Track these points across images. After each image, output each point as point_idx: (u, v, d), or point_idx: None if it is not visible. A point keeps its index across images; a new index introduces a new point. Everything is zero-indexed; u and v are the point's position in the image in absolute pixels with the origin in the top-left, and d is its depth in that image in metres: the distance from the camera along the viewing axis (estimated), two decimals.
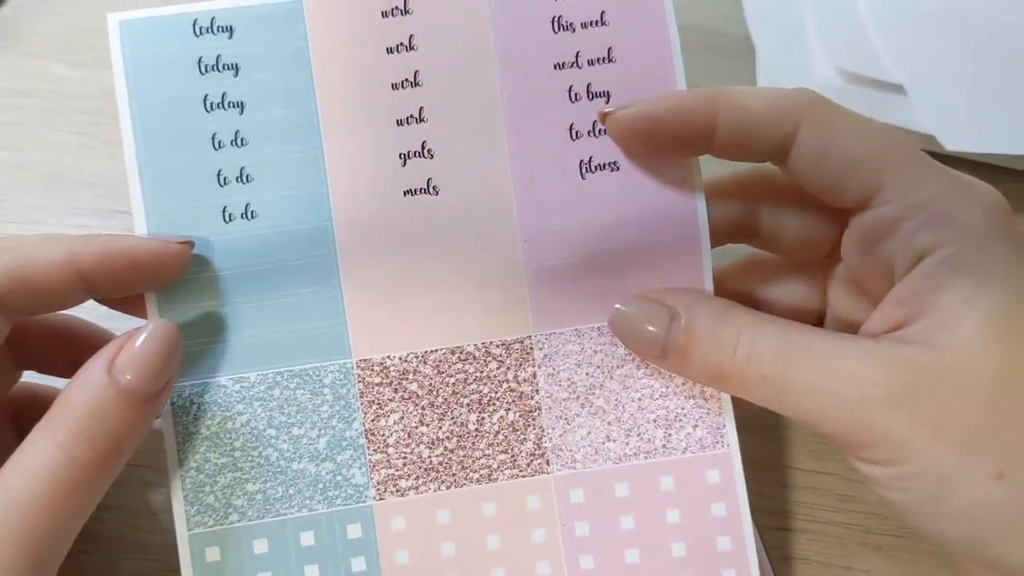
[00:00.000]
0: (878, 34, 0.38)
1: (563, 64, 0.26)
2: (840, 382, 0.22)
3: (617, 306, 0.25)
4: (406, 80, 0.25)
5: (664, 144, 0.25)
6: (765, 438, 0.32)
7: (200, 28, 0.25)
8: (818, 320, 0.28)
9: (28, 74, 0.39)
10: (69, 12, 0.42)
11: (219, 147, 0.25)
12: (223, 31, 0.25)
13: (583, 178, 0.26)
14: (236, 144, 0.25)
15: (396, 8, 0.25)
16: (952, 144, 0.35)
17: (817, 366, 0.22)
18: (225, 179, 0.25)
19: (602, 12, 0.26)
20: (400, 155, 0.25)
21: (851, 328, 0.25)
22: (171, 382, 0.23)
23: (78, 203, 0.36)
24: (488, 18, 0.25)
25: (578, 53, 0.26)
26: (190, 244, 0.24)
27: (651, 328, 0.24)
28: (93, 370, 0.22)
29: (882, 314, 0.23)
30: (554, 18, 0.26)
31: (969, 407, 0.21)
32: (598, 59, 0.26)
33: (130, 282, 0.24)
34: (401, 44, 0.25)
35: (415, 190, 0.25)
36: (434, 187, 0.25)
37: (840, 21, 0.40)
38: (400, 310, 0.25)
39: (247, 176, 0.25)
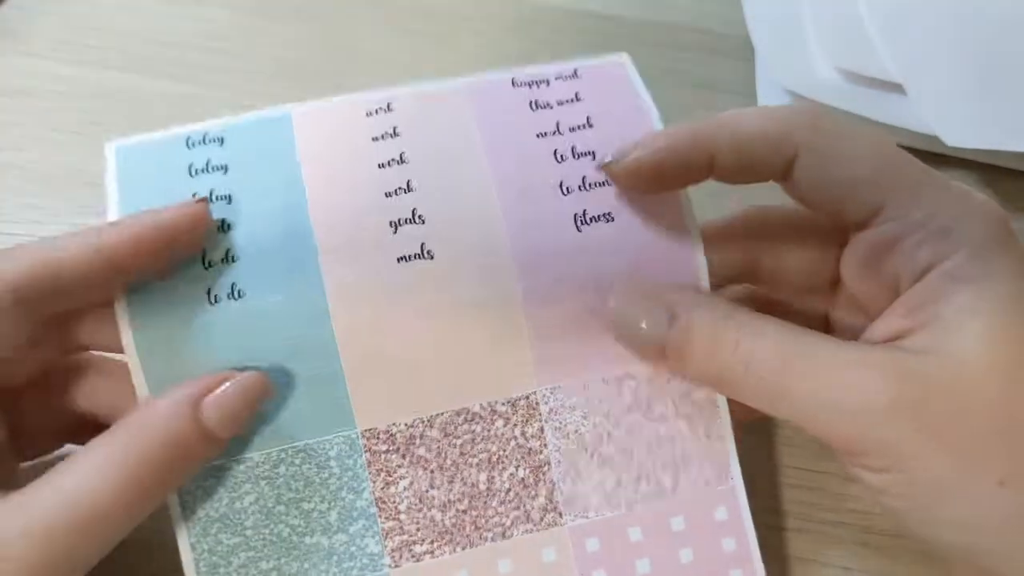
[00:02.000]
0: (878, 33, 0.38)
1: (545, 133, 0.26)
2: (840, 390, 0.21)
3: (613, 304, 0.25)
4: (392, 159, 0.26)
5: (667, 183, 0.25)
6: (762, 437, 0.32)
7: (191, 143, 0.26)
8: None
9: (28, 73, 0.39)
10: (69, 11, 0.42)
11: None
12: (214, 142, 0.26)
13: (579, 230, 0.25)
14: (222, 230, 0.25)
15: (380, 108, 0.27)
16: (952, 140, 0.35)
17: (818, 373, 0.22)
18: (210, 262, 0.24)
19: (576, 92, 0.27)
20: (391, 223, 0.25)
21: (852, 339, 0.25)
22: None
23: (77, 203, 0.36)
24: (469, 106, 0.27)
25: (558, 123, 0.27)
26: (204, 200, 0.24)
27: (648, 328, 0.24)
28: (178, 401, 0.22)
29: (884, 324, 0.23)
30: (531, 101, 0.27)
31: (971, 414, 0.21)
32: (578, 126, 0.27)
33: (162, 255, 0.24)
34: (386, 133, 0.26)
35: (409, 256, 0.25)
36: (428, 251, 0.25)
37: (840, 20, 0.39)
38: (402, 376, 0.25)
39: (232, 257, 0.24)
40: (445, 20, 0.45)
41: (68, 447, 0.27)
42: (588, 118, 0.27)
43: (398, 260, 0.25)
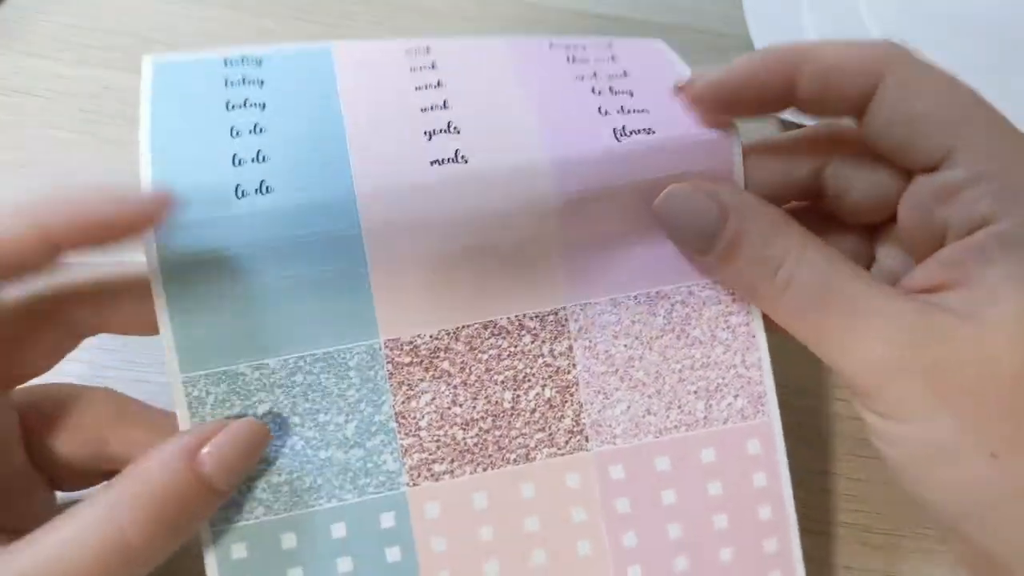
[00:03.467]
0: (878, 32, 0.39)
1: (583, 76, 0.26)
2: (866, 334, 0.21)
3: (669, 189, 0.24)
4: (429, 84, 0.25)
5: (746, 107, 0.24)
6: None
7: (228, 61, 0.25)
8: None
9: (28, 73, 0.39)
10: (69, 11, 0.41)
11: (236, 135, 0.24)
12: (251, 62, 0.25)
13: (618, 141, 0.24)
14: (254, 132, 0.24)
15: (418, 50, 0.27)
16: None
17: (849, 312, 0.21)
18: (240, 160, 0.23)
19: (612, 55, 0.27)
20: (425, 132, 0.24)
21: (892, 282, 0.24)
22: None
23: None
24: (507, 52, 0.27)
25: (596, 72, 0.26)
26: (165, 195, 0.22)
27: (701, 222, 0.23)
28: (172, 454, 0.21)
29: (925, 271, 0.22)
30: (568, 56, 0.27)
31: (987, 385, 0.20)
32: (615, 74, 0.26)
33: (106, 242, 0.21)
34: (424, 66, 0.26)
35: (443, 160, 0.24)
36: (462, 156, 0.24)
37: (840, 21, 0.40)
38: (429, 284, 0.24)
39: (263, 157, 0.23)
40: (447, 21, 0.45)
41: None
42: (625, 71, 0.26)
43: (431, 163, 0.24)
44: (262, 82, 0.25)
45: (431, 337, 0.24)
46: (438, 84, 0.25)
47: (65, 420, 0.24)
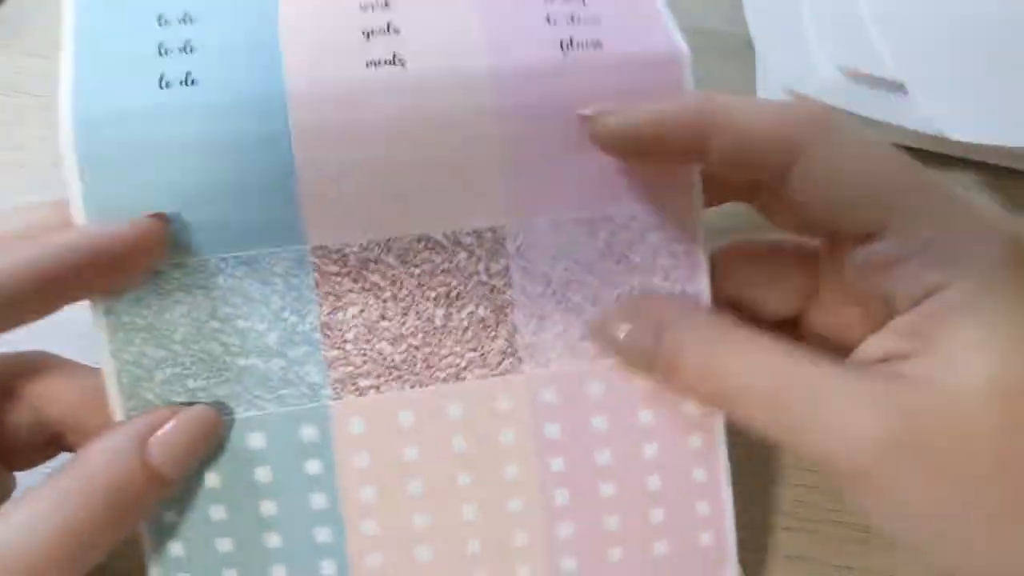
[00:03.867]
0: (879, 31, 0.38)
1: None
2: (841, 420, 0.20)
3: (600, 317, 0.24)
4: None
5: (651, 156, 0.23)
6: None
7: None
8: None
9: (28, 72, 0.38)
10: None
11: (163, 23, 0.23)
12: None
13: (563, 53, 0.23)
14: (184, 22, 0.23)
15: None
16: (955, 134, 0.35)
17: (818, 401, 0.20)
18: (166, 50, 0.22)
19: None
20: (363, 32, 0.23)
21: (841, 323, 0.24)
22: None
23: None
24: None
25: None
26: (161, 215, 0.22)
27: (634, 341, 0.23)
28: (122, 442, 0.21)
29: (880, 343, 0.22)
30: None
31: (969, 453, 0.20)
32: None
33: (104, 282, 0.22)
34: None
35: (379, 61, 0.22)
36: (400, 60, 0.23)
37: (840, 19, 0.39)
38: (361, 193, 0.23)
39: (191, 48, 0.22)
40: None
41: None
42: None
43: (367, 64, 0.22)
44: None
45: (361, 247, 0.23)
46: None
47: (4, 386, 0.23)
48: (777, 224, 0.25)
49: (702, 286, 0.24)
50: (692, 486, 0.25)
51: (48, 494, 0.20)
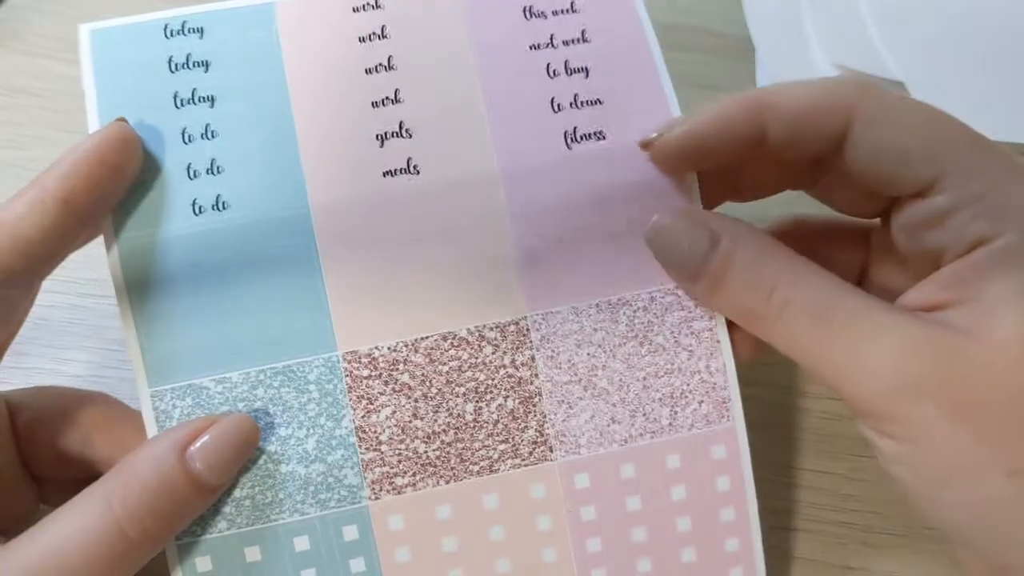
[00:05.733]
0: (878, 31, 0.38)
1: (538, 45, 0.25)
2: (873, 355, 0.20)
3: (655, 219, 0.24)
4: (380, 64, 0.25)
5: (714, 159, 0.24)
6: (767, 437, 0.31)
7: (171, 31, 0.25)
8: (857, 281, 0.26)
9: (28, 72, 0.38)
10: (68, 11, 0.41)
11: (189, 141, 0.24)
12: (194, 32, 0.25)
13: (569, 148, 0.24)
14: (206, 137, 0.24)
15: (368, 4, 0.25)
16: None
17: (852, 333, 0.21)
18: (195, 172, 0.24)
19: (572, 2, 0.26)
20: (377, 136, 0.24)
21: (889, 296, 0.24)
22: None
23: None
24: (460, 8, 0.25)
25: (552, 35, 0.25)
26: (121, 119, 0.23)
27: (689, 248, 0.23)
28: (164, 449, 0.22)
29: (925, 290, 0.22)
30: (525, 8, 0.26)
31: (997, 402, 0.20)
32: (572, 40, 0.25)
33: (108, 187, 0.23)
34: (373, 34, 0.25)
35: (395, 171, 0.24)
36: (415, 166, 0.24)
37: (840, 18, 0.39)
38: (386, 297, 0.24)
39: (218, 168, 0.24)
40: None
41: None
42: (583, 32, 0.26)
43: (384, 174, 0.24)
44: (207, 64, 0.25)
45: (389, 349, 0.24)
46: (389, 64, 0.25)
47: (56, 418, 0.25)
48: (835, 204, 0.26)
49: (725, 360, 0.25)
50: (724, 555, 0.25)
51: (93, 499, 0.21)
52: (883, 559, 0.30)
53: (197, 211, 0.23)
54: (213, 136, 0.24)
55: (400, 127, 0.24)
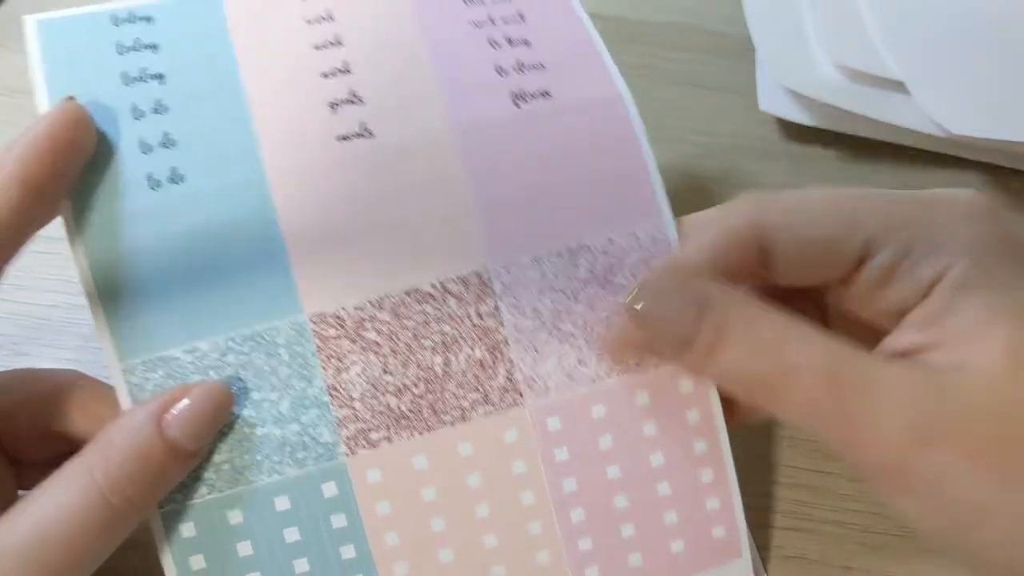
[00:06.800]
0: (878, 30, 0.38)
1: (479, 23, 0.26)
2: (886, 415, 0.20)
3: (638, 289, 0.23)
4: (328, 42, 0.25)
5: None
6: (766, 437, 0.32)
7: (118, 19, 0.25)
8: None
9: (28, 72, 0.38)
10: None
11: (140, 117, 0.24)
12: (142, 20, 0.25)
13: (517, 107, 0.25)
14: (158, 112, 0.24)
15: None
16: (956, 129, 0.35)
17: (865, 396, 0.20)
18: (148, 146, 0.24)
19: None
20: (329, 104, 0.24)
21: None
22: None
23: None
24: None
25: (490, 15, 0.27)
26: (71, 97, 0.23)
27: (675, 320, 0.22)
28: (140, 419, 0.22)
29: (897, 340, 0.22)
30: None
31: (1008, 434, 0.20)
32: (510, 18, 0.27)
33: (65, 166, 0.23)
34: (320, 17, 0.25)
35: (349, 135, 0.24)
36: (368, 130, 0.24)
37: (840, 18, 0.39)
38: (349, 258, 0.24)
39: (171, 141, 0.24)
40: None
41: None
42: (520, 14, 0.27)
43: (338, 139, 0.24)
44: (156, 46, 0.25)
45: (355, 308, 0.24)
46: (337, 41, 0.25)
47: (34, 398, 0.25)
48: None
49: None
50: (699, 487, 0.26)
51: (74, 471, 0.21)
52: (883, 559, 0.30)
53: (153, 185, 0.23)
54: (165, 111, 0.24)
55: (351, 94, 0.24)
